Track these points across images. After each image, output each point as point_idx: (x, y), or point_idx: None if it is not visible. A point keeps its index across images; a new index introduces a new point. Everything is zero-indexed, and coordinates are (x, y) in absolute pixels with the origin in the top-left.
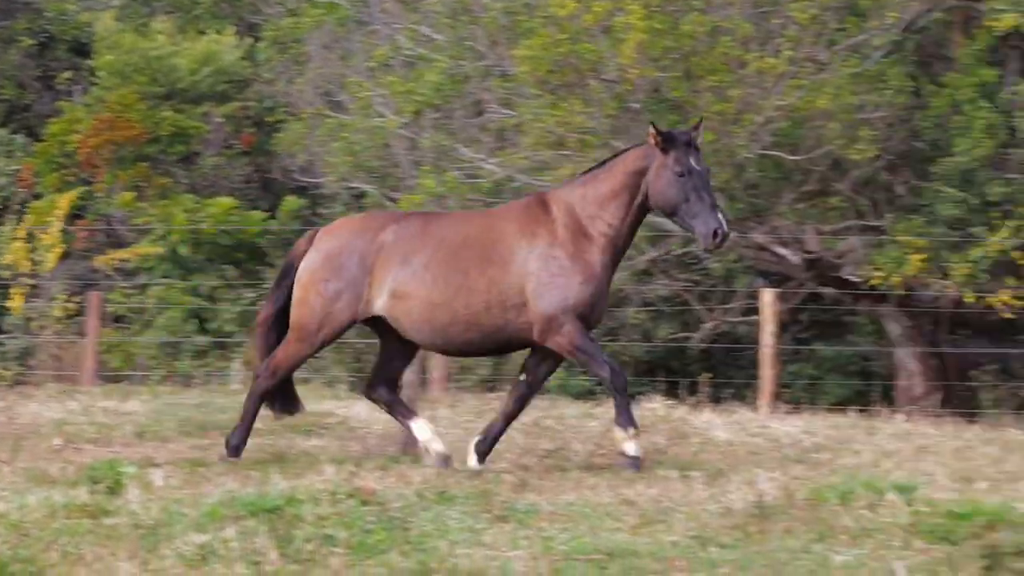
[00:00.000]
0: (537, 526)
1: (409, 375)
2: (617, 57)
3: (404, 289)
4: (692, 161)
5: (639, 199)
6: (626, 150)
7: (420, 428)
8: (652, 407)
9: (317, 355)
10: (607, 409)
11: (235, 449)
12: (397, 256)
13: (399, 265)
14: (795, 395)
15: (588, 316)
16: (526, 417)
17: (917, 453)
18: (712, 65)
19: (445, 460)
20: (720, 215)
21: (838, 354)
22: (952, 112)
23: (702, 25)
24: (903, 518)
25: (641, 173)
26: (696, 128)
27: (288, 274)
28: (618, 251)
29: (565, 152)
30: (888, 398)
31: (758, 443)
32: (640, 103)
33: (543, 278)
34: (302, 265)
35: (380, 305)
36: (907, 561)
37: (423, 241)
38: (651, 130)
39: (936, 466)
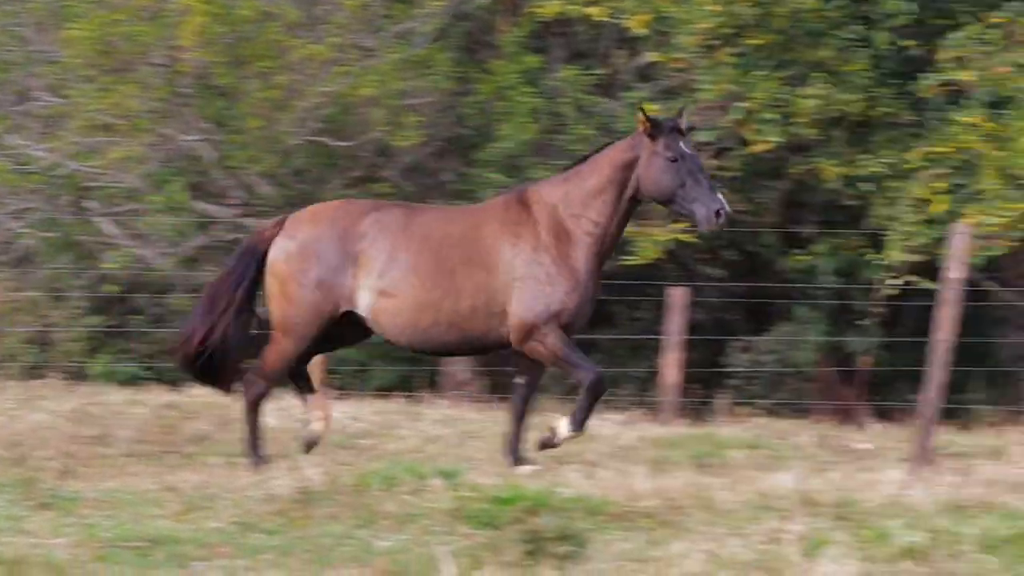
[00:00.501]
0: (80, 513)
1: None
2: (174, 41)
3: (393, 288)
4: (683, 146)
5: (628, 193)
6: (608, 144)
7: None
8: (200, 394)
9: None
10: (155, 395)
11: (260, 460)
12: (384, 250)
13: (387, 261)
14: (344, 380)
15: (572, 323)
16: (68, 404)
17: (462, 438)
18: (259, 51)
19: (309, 445)
20: (720, 195)
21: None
22: (497, 98)
23: (253, 10)
24: (447, 503)
25: (630, 165)
26: (680, 114)
27: (249, 257)
28: (605, 250)
29: (115, 138)
30: (434, 384)
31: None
32: (191, 88)
33: (528, 284)
34: (274, 255)
35: (364, 302)
36: (451, 546)
37: (407, 236)
38: (640, 116)
39: (480, 451)
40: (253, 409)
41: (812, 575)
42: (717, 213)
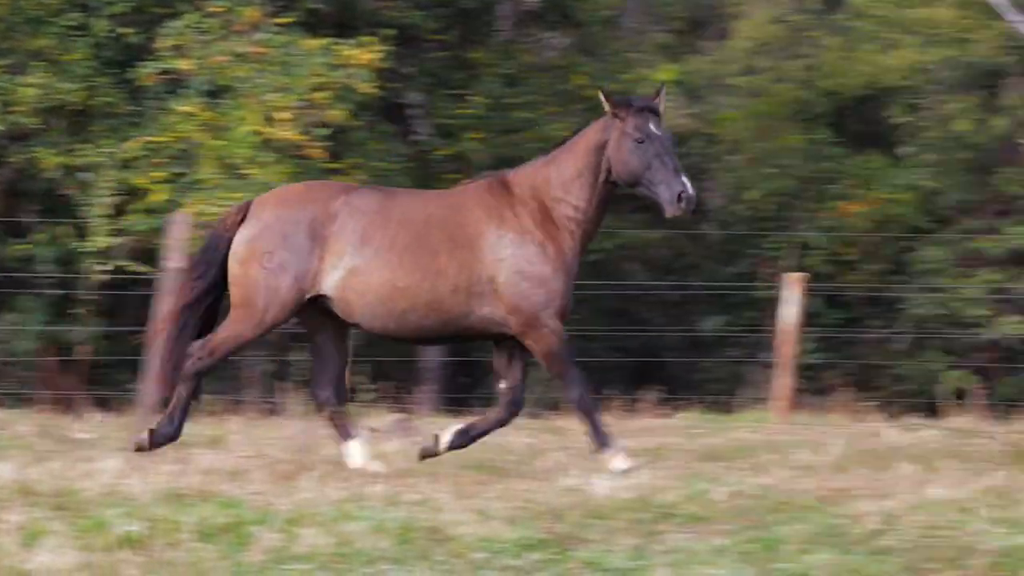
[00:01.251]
0: None
1: None
2: None
3: (364, 268)
4: (652, 126)
5: (602, 176)
6: (586, 127)
7: (353, 451)
8: None
9: None
10: None
11: (165, 437)
12: (355, 232)
13: (358, 243)
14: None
15: (564, 310)
16: None
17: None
18: None
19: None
20: (684, 178)
21: None
22: None
23: None
24: None
25: (602, 147)
26: (658, 93)
27: (212, 251)
28: (587, 236)
29: None
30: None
31: None
32: None
33: (519, 268)
34: (238, 238)
35: (331, 283)
36: None
37: (384, 218)
38: (601, 96)
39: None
40: (188, 381)
41: (29, 565)
42: (679, 197)
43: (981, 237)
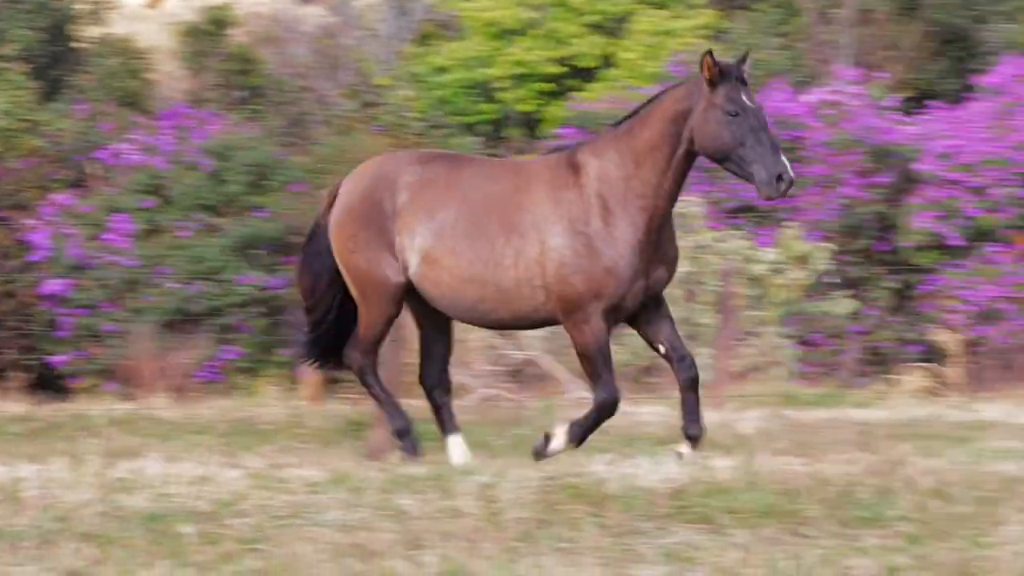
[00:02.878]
0: None
1: None
2: None
3: (433, 254)
4: (745, 98)
5: (682, 148)
6: (661, 94)
7: (456, 447)
8: None
9: None
10: None
11: (403, 433)
12: (423, 207)
13: (425, 219)
14: None
15: (619, 305)
16: None
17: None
18: None
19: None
20: (784, 158)
21: None
22: None
23: None
24: None
25: (684, 116)
26: (744, 60)
27: (314, 240)
28: (659, 212)
29: None
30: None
31: None
32: None
33: (567, 259)
34: (330, 225)
35: (413, 267)
36: None
37: (448, 195)
38: (707, 59)
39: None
40: (364, 381)
41: None
42: (779, 178)
43: None
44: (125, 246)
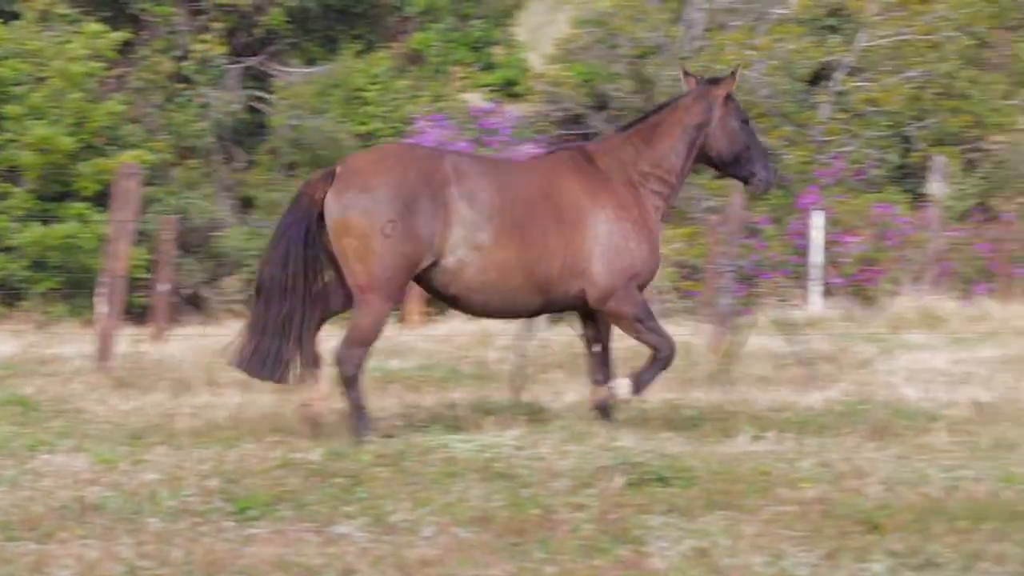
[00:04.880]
0: None
1: None
2: None
3: (486, 243)
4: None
5: (695, 152)
6: (672, 102)
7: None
8: None
9: None
10: None
11: (362, 431)
12: (471, 199)
13: (477, 213)
14: None
15: (646, 284)
16: None
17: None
18: None
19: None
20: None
21: None
22: None
23: None
24: None
25: (703, 126)
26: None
27: (300, 223)
28: (668, 207)
29: None
30: None
31: None
32: None
33: (611, 244)
34: (342, 212)
35: (454, 255)
36: None
37: (488, 186)
38: (736, 75)
39: None
40: (354, 384)
41: None
42: (774, 174)
43: None
44: None
